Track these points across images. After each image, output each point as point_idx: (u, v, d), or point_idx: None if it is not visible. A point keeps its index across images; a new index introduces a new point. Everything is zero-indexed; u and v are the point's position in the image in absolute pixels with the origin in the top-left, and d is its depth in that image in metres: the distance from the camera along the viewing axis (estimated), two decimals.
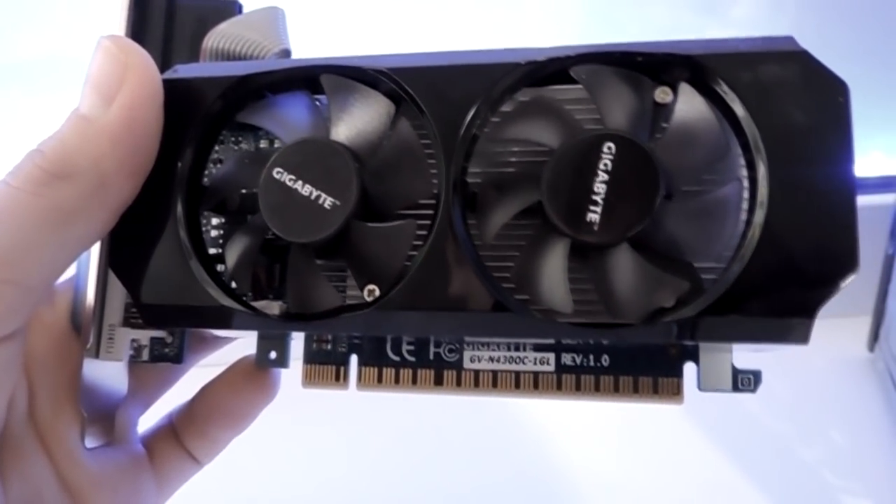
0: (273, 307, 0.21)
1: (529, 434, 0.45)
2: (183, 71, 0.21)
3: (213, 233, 0.23)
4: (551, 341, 0.22)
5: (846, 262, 0.17)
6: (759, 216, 0.18)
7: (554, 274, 0.19)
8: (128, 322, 0.23)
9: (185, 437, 0.25)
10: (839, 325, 0.38)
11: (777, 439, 0.42)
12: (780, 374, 0.43)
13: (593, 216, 0.18)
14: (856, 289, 0.18)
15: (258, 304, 0.21)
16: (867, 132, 0.17)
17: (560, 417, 0.45)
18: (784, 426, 0.43)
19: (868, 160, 0.18)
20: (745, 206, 0.18)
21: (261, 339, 0.23)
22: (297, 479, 0.44)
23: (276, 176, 0.19)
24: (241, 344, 0.25)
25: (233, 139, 0.23)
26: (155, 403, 0.26)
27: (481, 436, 0.45)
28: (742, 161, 0.18)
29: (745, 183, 0.18)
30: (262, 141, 0.23)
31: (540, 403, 0.42)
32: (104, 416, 0.23)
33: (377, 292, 0.20)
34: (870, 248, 0.17)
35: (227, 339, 0.25)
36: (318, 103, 0.21)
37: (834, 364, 0.45)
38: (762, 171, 0.18)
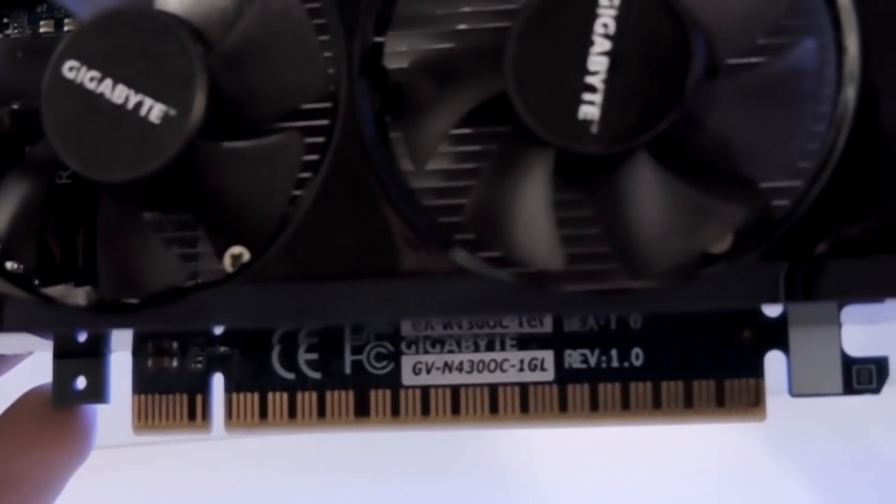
0: (76, 295, 0.19)
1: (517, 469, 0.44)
2: None
3: None
4: (543, 328, 0.20)
5: None
6: (850, 94, 0.16)
7: (533, 210, 0.17)
8: None
9: None
10: None
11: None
12: None
13: (590, 111, 0.16)
14: None
15: (51, 291, 0.19)
16: None
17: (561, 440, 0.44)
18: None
19: None
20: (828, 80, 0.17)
21: (60, 356, 0.21)
22: None
23: (69, 74, 0.17)
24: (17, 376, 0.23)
25: None
26: None
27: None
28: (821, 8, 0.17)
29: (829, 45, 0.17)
30: (41, 21, 0.21)
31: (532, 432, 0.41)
32: None
33: (245, 256, 0.18)
34: None
35: None
36: None
37: None
38: (849, 18, 0.16)
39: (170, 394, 0.21)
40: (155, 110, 0.17)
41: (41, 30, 0.21)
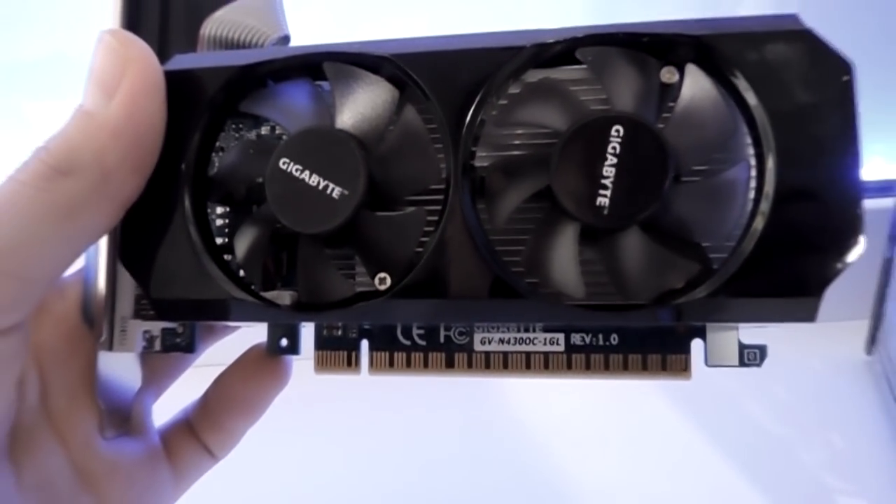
0: (284, 297, 0.24)
1: (528, 433, 0.51)
2: (183, 61, 0.24)
3: (218, 221, 0.26)
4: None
5: (850, 239, 0.20)
6: (765, 206, 0.20)
7: (564, 258, 0.21)
8: (139, 314, 0.26)
9: (200, 430, 0.30)
10: (838, 328, 0.43)
11: (776, 442, 0.47)
12: (779, 377, 0.50)
13: (602, 200, 0.20)
14: (854, 292, 0.21)
15: (269, 295, 0.24)
16: (867, 136, 0.20)
17: (559, 418, 0.50)
18: (783, 429, 0.48)
19: (868, 165, 0.21)
20: (752, 185, 0.21)
21: (272, 326, 0.26)
22: (294, 477, 0.50)
23: (283, 167, 0.22)
24: (250, 333, 0.28)
25: (232, 126, 0.26)
26: (167, 390, 0.31)
27: (478, 434, 0.51)
28: (748, 139, 0.21)
29: (752, 161, 0.21)
30: (262, 127, 0.25)
31: (542, 401, 0.48)
32: (120, 407, 0.27)
33: (388, 280, 0.22)
34: (868, 251, 0.20)
35: (237, 327, 0.29)
36: (320, 89, 0.23)
37: (832, 367, 0.50)
38: (770, 159, 0.20)
39: (337, 351, 0.26)
40: (335, 191, 0.21)
41: (262, 131, 0.26)
